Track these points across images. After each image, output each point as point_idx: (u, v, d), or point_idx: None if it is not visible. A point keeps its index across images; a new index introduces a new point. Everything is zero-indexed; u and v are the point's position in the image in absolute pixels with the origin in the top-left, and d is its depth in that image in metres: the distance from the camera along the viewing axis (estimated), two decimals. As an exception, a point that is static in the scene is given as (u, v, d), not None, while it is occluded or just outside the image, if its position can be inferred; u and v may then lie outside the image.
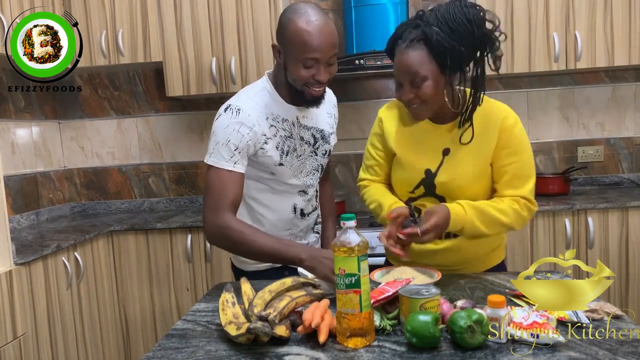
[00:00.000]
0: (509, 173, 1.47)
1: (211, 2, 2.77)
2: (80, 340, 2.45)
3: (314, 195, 1.72)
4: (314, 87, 1.49)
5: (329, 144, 1.70)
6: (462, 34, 1.35)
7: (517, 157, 1.47)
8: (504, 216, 1.45)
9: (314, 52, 1.42)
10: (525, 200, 1.47)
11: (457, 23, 1.35)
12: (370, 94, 3.08)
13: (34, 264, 2.16)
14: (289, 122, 1.58)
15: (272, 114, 1.55)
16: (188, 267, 2.71)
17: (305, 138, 1.62)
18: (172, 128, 3.23)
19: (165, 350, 1.11)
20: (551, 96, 3.00)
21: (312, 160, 1.65)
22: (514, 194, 1.47)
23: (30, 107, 3.02)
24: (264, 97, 1.56)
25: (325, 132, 1.68)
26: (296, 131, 1.59)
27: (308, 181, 1.65)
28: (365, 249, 1.07)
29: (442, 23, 1.36)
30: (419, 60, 1.38)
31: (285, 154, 1.57)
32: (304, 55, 1.42)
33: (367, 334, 1.07)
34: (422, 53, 1.38)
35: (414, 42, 1.39)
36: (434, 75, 1.39)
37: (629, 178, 3.02)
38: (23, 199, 2.88)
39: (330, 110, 1.72)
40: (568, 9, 2.66)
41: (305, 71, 1.45)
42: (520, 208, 1.46)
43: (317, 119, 1.65)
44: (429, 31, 1.36)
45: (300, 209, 1.67)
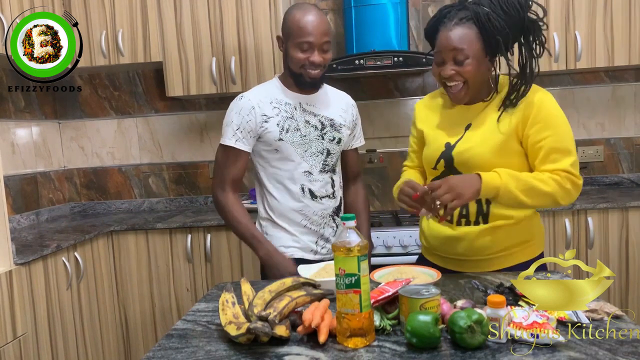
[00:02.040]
0: (545, 148, 1.42)
1: (211, 2, 2.77)
2: (80, 340, 2.45)
3: (326, 181, 1.83)
4: (310, 69, 1.72)
5: (340, 133, 1.85)
6: (513, 17, 1.40)
7: (551, 130, 1.43)
8: (544, 185, 1.39)
9: (309, 35, 1.68)
10: (567, 173, 1.40)
11: (510, 6, 1.40)
12: (370, 94, 3.08)
13: (34, 264, 2.16)
14: (292, 105, 1.80)
15: (275, 99, 1.79)
16: (188, 267, 2.71)
17: (311, 122, 1.81)
18: (172, 128, 3.23)
19: (165, 350, 1.11)
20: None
21: (318, 143, 1.81)
22: (554, 168, 1.41)
23: (30, 107, 3.02)
24: (271, 87, 1.84)
25: (336, 122, 1.85)
26: (299, 114, 1.79)
27: (311, 161, 1.80)
28: (365, 249, 1.07)
29: (495, 5, 1.40)
30: (467, 38, 1.42)
31: (286, 131, 1.76)
32: (299, 39, 1.69)
33: (367, 334, 1.07)
34: (471, 32, 1.42)
35: (464, 20, 1.43)
36: (477, 54, 1.43)
37: (629, 178, 3.02)
38: (23, 199, 2.88)
39: (345, 107, 1.90)
40: (568, 9, 2.66)
41: (302, 54, 1.70)
42: (562, 180, 1.40)
43: (326, 108, 1.84)
44: (481, 11, 1.40)
45: (309, 189, 1.80)
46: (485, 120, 1.50)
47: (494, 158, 1.45)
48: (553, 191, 1.40)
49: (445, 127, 1.57)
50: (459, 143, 1.51)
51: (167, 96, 2.88)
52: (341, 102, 1.90)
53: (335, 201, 1.86)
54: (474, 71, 1.43)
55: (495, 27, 1.39)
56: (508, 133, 1.46)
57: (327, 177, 1.83)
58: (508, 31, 1.41)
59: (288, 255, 1.79)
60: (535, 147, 1.44)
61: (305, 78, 1.74)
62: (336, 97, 1.90)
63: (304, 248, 1.82)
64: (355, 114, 1.94)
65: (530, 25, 1.43)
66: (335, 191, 1.86)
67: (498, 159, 1.45)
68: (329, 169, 1.84)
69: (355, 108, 1.95)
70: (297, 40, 1.69)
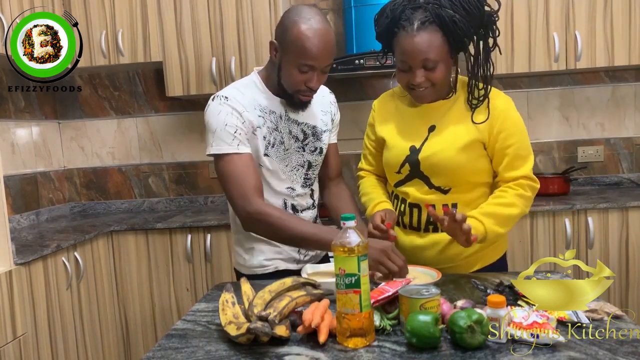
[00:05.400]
0: (510, 155, 1.48)
1: (211, 2, 2.77)
2: (80, 340, 2.44)
3: (307, 193, 1.69)
4: (304, 95, 1.53)
5: (321, 142, 1.67)
6: (475, 15, 1.37)
7: (515, 138, 1.48)
8: (513, 209, 1.47)
9: (312, 59, 1.44)
10: (528, 180, 1.49)
11: (471, 5, 1.36)
12: (370, 94, 3.08)
13: (34, 264, 2.16)
14: (277, 114, 1.58)
15: (259, 105, 1.56)
16: (188, 267, 2.71)
17: (293, 132, 1.61)
18: (172, 128, 3.23)
19: (165, 350, 1.11)
20: (551, 96, 3.00)
21: (298, 156, 1.63)
22: (517, 175, 1.48)
23: (30, 107, 3.02)
24: (252, 89, 1.59)
25: (318, 129, 1.66)
26: (283, 125, 1.59)
27: (292, 176, 1.63)
28: (365, 249, 1.07)
29: (457, 5, 1.36)
30: (434, 44, 1.38)
31: (272, 146, 1.57)
32: (301, 60, 1.45)
33: (367, 334, 1.07)
34: (436, 36, 1.38)
35: (426, 24, 1.37)
36: (445, 58, 1.41)
37: (629, 178, 3.02)
38: (23, 199, 2.88)
39: (325, 108, 1.71)
40: (568, 9, 2.66)
41: (300, 76, 1.47)
42: (524, 190, 1.48)
43: (308, 115, 1.64)
44: (445, 14, 1.35)
45: (292, 205, 1.65)
46: (450, 123, 1.50)
47: (458, 159, 1.47)
48: (520, 211, 1.49)
49: (406, 128, 1.55)
50: (425, 146, 1.50)
51: (167, 96, 2.88)
52: (322, 103, 1.69)
53: (314, 211, 1.73)
54: (443, 76, 1.43)
55: (462, 30, 1.37)
56: (474, 137, 1.47)
57: (308, 190, 1.69)
58: (472, 31, 1.39)
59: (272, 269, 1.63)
60: (501, 154, 1.49)
61: (296, 100, 1.54)
62: (317, 97, 1.63)
63: (287, 259, 1.65)
64: (334, 112, 1.74)
65: (488, 20, 1.41)
66: (314, 201, 1.72)
67: (464, 161, 1.48)
68: (310, 182, 1.69)
69: (334, 104, 1.75)
70: (297, 60, 1.45)
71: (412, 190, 1.53)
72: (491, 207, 1.47)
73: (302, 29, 1.43)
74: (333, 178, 1.80)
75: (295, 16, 1.46)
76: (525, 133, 1.52)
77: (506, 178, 1.49)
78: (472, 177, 1.51)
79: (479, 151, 1.49)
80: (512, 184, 1.49)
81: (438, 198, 1.52)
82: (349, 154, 3.09)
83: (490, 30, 1.43)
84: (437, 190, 1.51)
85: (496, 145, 1.48)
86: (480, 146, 1.49)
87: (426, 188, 1.52)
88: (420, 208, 1.54)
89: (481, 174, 1.52)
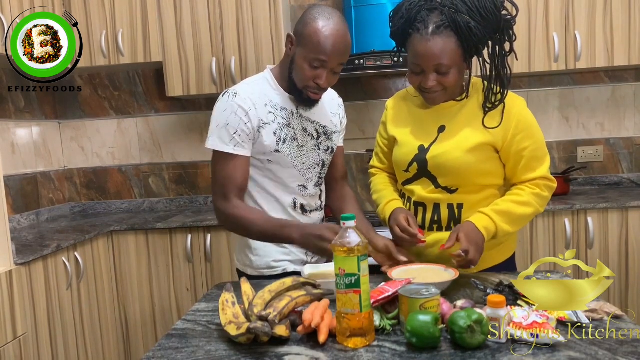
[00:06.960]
0: (526, 157, 1.47)
1: (211, 2, 2.77)
2: (80, 340, 2.45)
3: (317, 194, 1.71)
4: (312, 91, 1.55)
5: (332, 142, 1.71)
6: (491, 21, 1.36)
7: (531, 140, 1.47)
8: (528, 208, 1.47)
9: (324, 54, 1.48)
10: (545, 180, 1.49)
11: (488, 11, 1.35)
12: (370, 94, 3.08)
13: (34, 264, 2.16)
14: (288, 111, 1.61)
15: (270, 101, 1.59)
16: (188, 267, 2.71)
17: (308, 130, 1.64)
18: (172, 128, 3.23)
19: (165, 350, 1.11)
20: (551, 96, 3.00)
21: (315, 155, 1.66)
22: (534, 177, 1.48)
23: (30, 107, 3.02)
24: (263, 85, 1.62)
25: (329, 129, 1.70)
26: (296, 121, 1.62)
27: (308, 174, 1.65)
28: (365, 249, 1.07)
29: (474, 11, 1.34)
30: (449, 49, 1.37)
31: (283, 142, 1.59)
32: (314, 55, 1.48)
33: (367, 334, 1.07)
34: (451, 42, 1.37)
35: (441, 28, 1.36)
36: (459, 63, 1.41)
37: (628, 178, 3.02)
38: (23, 199, 2.88)
39: (334, 110, 1.74)
40: (568, 9, 2.66)
41: (310, 71, 1.51)
42: (541, 190, 1.48)
43: (319, 114, 1.67)
44: (461, 20, 1.34)
45: (301, 204, 1.66)
46: (460, 124, 1.49)
47: (467, 162, 1.46)
48: (535, 210, 1.49)
49: (417, 128, 1.55)
50: (433, 146, 1.50)
51: (167, 96, 2.89)
52: (332, 105, 1.74)
53: (321, 212, 1.75)
54: (456, 80, 1.43)
55: (477, 37, 1.36)
56: (484, 139, 1.46)
57: (318, 189, 1.71)
58: (487, 37, 1.39)
59: (280, 271, 1.64)
60: (517, 157, 1.48)
61: (304, 96, 1.57)
62: (327, 98, 1.69)
63: (295, 261, 1.66)
64: (342, 114, 1.78)
65: (504, 25, 1.40)
66: (322, 202, 1.74)
67: (472, 163, 1.46)
68: (321, 182, 1.71)
69: (342, 107, 1.79)
70: (310, 54, 1.49)
71: (418, 188, 1.53)
72: (506, 204, 1.46)
73: (319, 25, 1.47)
74: (339, 180, 1.82)
75: (316, 14, 1.51)
76: (541, 134, 1.51)
77: (523, 180, 1.49)
78: (479, 179, 1.50)
79: (489, 154, 1.48)
80: (530, 183, 1.48)
81: (444, 197, 1.51)
82: (349, 154, 3.09)
83: (506, 35, 1.42)
84: (444, 190, 1.51)
85: (512, 148, 1.47)
86: (490, 149, 1.48)
87: (432, 187, 1.51)
88: (425, 207, 1.54)
89: (489, 176, 1.51)
